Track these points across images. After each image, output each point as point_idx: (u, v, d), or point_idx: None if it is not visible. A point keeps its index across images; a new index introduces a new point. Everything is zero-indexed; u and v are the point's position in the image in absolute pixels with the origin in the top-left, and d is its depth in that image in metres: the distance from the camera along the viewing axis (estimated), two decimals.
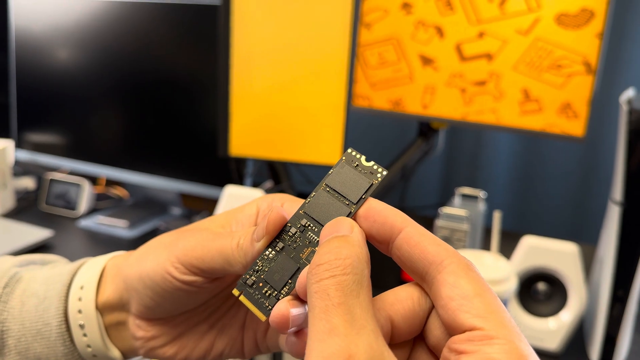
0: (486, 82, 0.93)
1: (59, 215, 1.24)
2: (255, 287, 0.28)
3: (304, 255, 0.28)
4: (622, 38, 1.13)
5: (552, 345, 0.77)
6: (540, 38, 0.88)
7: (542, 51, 0.88)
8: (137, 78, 1.20)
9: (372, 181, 0.30)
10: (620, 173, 0.71)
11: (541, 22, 0.88)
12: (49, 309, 0.37)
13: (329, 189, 0.30)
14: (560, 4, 0.87)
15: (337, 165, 0.30)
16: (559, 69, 0.88)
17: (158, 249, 0.34)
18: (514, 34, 0.90)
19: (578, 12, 0.85)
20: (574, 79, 0.88)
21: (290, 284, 0.28)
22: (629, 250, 0.72)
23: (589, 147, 1.21)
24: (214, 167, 1.14)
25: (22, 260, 0.41)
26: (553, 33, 0.88)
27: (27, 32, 1.29)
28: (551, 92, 0.90)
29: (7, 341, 0.37)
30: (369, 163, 0.30)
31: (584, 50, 0.86)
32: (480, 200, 0.95)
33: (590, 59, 0.86)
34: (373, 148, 1.38)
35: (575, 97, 0.89)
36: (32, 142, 1.34)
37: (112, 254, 0.39)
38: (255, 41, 1.00)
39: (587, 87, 0.87)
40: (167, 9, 1.14)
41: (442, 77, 0.96)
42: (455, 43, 0.94)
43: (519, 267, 0.77)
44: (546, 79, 0.89)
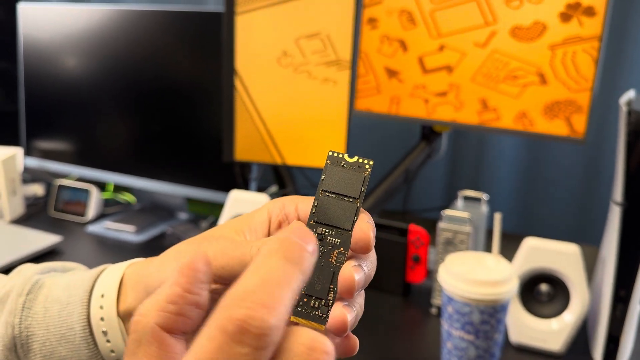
0: (447, 93, 0.97)
1: (68, 221, 1.26)
2: (301, 304, 0.29)
3: (333, 259, 0.30)
4: (624, 40, 1.14)
5: (555, 346, 0.77)
6: (497, 50, 0.92)
7: (498, 63, 0.92)
8: (143, 85, 1.22)
9: (364, 174, 0.31)
10: (620, 174, 0.72)
11: (497, 35, 0.92)
12: (72, 314, 0.38)
13: (328, 194, 0.31)
14: (515, 17, 0.91)
15: (326, 169, 0.31)
16: (515, 80, 0.92)
17: (177, 258, 0.35)
18: (472, 47, 0.94)
19: (531, 25, 0.89)
20: (528, 89, 0.92)
21: (332, 289, 0.29)
22: (630, 250, 0.73)
23: (592, 149, 1.21)
24: (219, 172, 1.16)
25: (44, 268, 0.43)
26: (508, 45, 0.92)
27: (35, 41, 1.31)
28: (508, 101, 0.94)
29: (32, 345, 0.38)
30: (353, 159, 0.31)
31: (537, 61, 0.90)
32: (483, 202, 0.95)
33: (544, 70, 0.89)
34: (376, 151, 1.39)
35: (530, 106, 0.92)
36: (41, 149, 1.36)
37: (130, 261, 0.40)
38: (259, 47, 1.02)
39: (541, 97, 0.91)
40: (172, 17, 1.15)
41: (406, 89, 1.00)
42: (418, 56, 0.98)
43: (521, 268, 0.78)
44: (503, 89, 0.93)
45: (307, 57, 1.00)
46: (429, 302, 0.92)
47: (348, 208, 0.30)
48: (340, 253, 0.30)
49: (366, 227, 0.29)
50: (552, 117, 0.91)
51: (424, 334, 0.85)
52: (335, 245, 0.30)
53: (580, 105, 0.89)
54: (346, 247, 0.30)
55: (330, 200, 0.31)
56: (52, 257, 1.06)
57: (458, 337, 0.67)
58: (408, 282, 0.94)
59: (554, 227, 1.28)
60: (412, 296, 0.95)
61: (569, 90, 0.89)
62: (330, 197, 0.31)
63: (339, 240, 0.30)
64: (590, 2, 0.86)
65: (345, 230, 0.30)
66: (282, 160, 1.05)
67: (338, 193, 0.31)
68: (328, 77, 1.00)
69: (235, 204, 0.94)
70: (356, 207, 0.30)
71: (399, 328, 0.86)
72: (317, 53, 1.00)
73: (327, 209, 0.31)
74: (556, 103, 0.90)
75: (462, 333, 0.66)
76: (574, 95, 0.89)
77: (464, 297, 0.64)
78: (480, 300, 0.64)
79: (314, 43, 0.99)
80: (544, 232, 1.27)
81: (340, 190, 0.31)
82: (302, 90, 1.02)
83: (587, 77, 0.88)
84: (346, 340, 0.30)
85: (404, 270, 0.93)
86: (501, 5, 0.91)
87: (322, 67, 1.00)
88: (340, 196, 0.31)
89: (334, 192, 0.31)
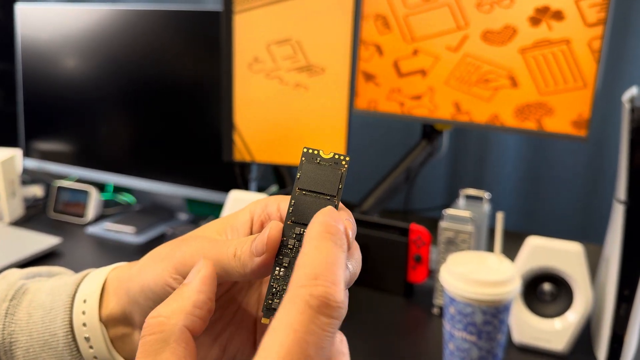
0: (422, 96, 0.99)
1: (68, 222, 1.25)
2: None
3: None
4: (627, 36, 1.13)
5: (558, 346, 0.77)
6: (469, 54, 0.94)
7: (470, 66, 0.94)
8: (142, 85, 1.21)
9: (341, 170, 0.30)
10: (623, 172, 0.71)
11: (469, 39, 0.94)
12: (55, 319, 0.37)
13: (304, 192, 0.30)
14: (486, 21, 0.92)
15: (301, 166, 0.30)
16: (487, 83, 0.93)
17: (156, 260, 0.34)
18: (445, 51, 0.96)
19: (501, 29, 0.90)
20: (500, 92, 0.93)
21: None
22: (634, 248, 0.72)
23: (595, 147, 1.21)
24: (219, 172, 1.15)
25: (29, 273, 0.42)
26: (480, 49, 0.93)
27: (33, 42, 1.30)
28: (480, 104, 0.95)
29: (16, 352, 0.38)
30: (329, 155, 0.31)
31: (508, 64, 0.92)
32: (485, 201, 0.94)
33: (515, 73, 0.91)
34: (377, 150, 1.38)
35: (502, 109, 0.94)
36: (40, 150, 1.36)
37: (113, 265, 0.39)
38: (258, 46, 1.01)
39: (512, 100, 0.93)
40: (171, 16, 1.15)
41: (383, 92, 1.02)
42: (393, 60, 1.00)
43: (523, 267, 0.77)
44: (475, 93, 0.95)
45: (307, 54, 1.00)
46: (430, 302, 0.91)
47: (326, 206, 0.29)
48: None
49: (345, 226, 0.29)
50: (523, 119, 0.92)
51: (425, 334, 0.84)
52: None
53: (550, 107, 0.90)
54: None
55: (307, 199, 0.30)
56: (51, 259, 1.06)
57: (460, 338, 0.66)
58: (410, 282, 0.93)
59: (557, 226, 1.27)
60: (414, 296, 0.94)
61: (539, 93, 0.91)
62: (307, 195, 0.30)
63: None
64: (559, 7, 0.87)
65: None
66: (282, 160, 1.04)
67: (315, 191, 0.30)
68: (328, 75, 0.99)
69: (235, 204, 0.93)
70: (334, 205, 0.30)
71: (401, 328, 0.85)
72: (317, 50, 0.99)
73: (305, 208, 0.30)
74: (527, 106, 0.92)
75: (465, 334, 0.65)
76: (544, 98, 0.91)
77: (466, 297, 0.64)
78: (482, 300, 0.63)
79: (313, 40, 0.99)
80: (547, 231, 1.26)
81: (317, 188, 0.30)
82: (301, 88, 1.01)
83: (557, 80, 0.89)
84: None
85: (405, 270, 0.92)
86: (472, 10, 0.93)
87: (322, 65, 0.99)
88: (317, 194, 0.30)
89: (310, 190, 0.30)
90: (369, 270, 0.95)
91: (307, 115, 1.02)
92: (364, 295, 0.94)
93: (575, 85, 0.88)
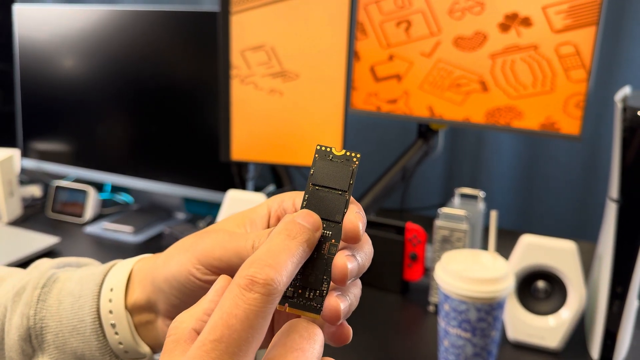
0: (397, 100, 1.02)
1: (66, 222, 1.26)
2: (296, 295, 0.30)
3: (325, 250, 0.30)
4: (621, 37, 1.14)
5: (552, 343, 0.78)
6: (441, 59, 0.97)
7: (443, 71, 0.97)
8: (139, 85, 1.22)
9: (352, 166, 0.32)
10: (615, 170, 0.72)
11: (441, 45, 0.96)
12: (83, 307, 0.40)
13: (317, 187, 0.31)
14: (458, 28, 0.95)
15: (315, 163, 0.32)
16: (458, 88, 0.96)
17: (181, 251, 0.36)
18: (419, 56, 0.98)
19: (472, 35, 0.93)
20: (471, 96, 0.96)
21: (326, 279, 0.30)
22: (626, 246, 0.73)
23: (590, 146, 1.21)
24: (216, 172, 1.16)
25: (59, 263, 0.45)
26: (452, 55, 0.96)
27: (31, 42, 1.31)
28: (452, 108, 0.98)
29: (46, 337, 0.40)
30: (340, 152, 0.32)
31: (479, 69, 0.94)
32: (479, 200, 0.95)
33: (485, 78, 0.94)
34: (374, 150, 1.39)
35: (473, 112, 0.97)
36: (38, 150, 1.36)
37: (139, 256, 0.42)
38: (254, 47, 1.02)
39: (483, 103, 0.96)
40: (169, 17, 1.15)
41: (360, 96, 1.04)
42: (370, 65, 1.02)
43: (518, 265, 0.78)
44: (448, 97, 0.97)
45: (303, 54, 1.00)
46: (426, 300, 0.92)
47: (338, 200, 0.31)
48: (332, 245, 0.30)
49: (355, 218, 0.30)
50: (493, 122, 0.95)
51: (421, 331, 0.85)
52: (326, 237, 0.31)
53: (519, 111, 0.93)
54: (337, 238, 0.31)
55: (320, 194, 0.31)
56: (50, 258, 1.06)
57: (455, 335, 0.67)
58: (406, 280, 0.94)
59: (552, 224, 1.28)
60: (410, 294, 0.95)
61: (508, 97, 0.93)
62: (320, 190, 0.31)
63: (330, 232, 0.31)
64: (527, 13, 0.89)
65: (335, 222, 0.31)
66: (278, 159, 1.05)
67: (327, 186, 0.31)
68: (324, 75, 1.00)
69: (233, 204, 0.94)
70: (345, 200, 0.31)
71: (397, 326, 0.86)
72: (313, 50, 1.00)
73: (318, 202, 0.31)
74: (497, 109, 0.95)
75: (459, 331, 0.66)
76: (514, 102, 0.93)
77: (461, 295, 0.65)
78: (476, 297, 0.64)
79: (310, 40, 0.99)
80: (542, 229, 1.27)
81: (329, 183, 0.31)
82: (298, 88, 1.02)
83: (526, 85, 0.92)
84: (340, 329, 0.32)
85: (401, 269, 0.93)
86: (444, 17, 0.95)
87: (319, 65, 1.00)
88: (330, 189, 0.31)
89: (323, 185, 0.31)
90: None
91: (304, 115, 1.03)
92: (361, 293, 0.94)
93: (543, 89, 0.91)
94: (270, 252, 0.26)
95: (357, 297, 0.32)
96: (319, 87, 1.01)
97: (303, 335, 0.27)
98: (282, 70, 1.02)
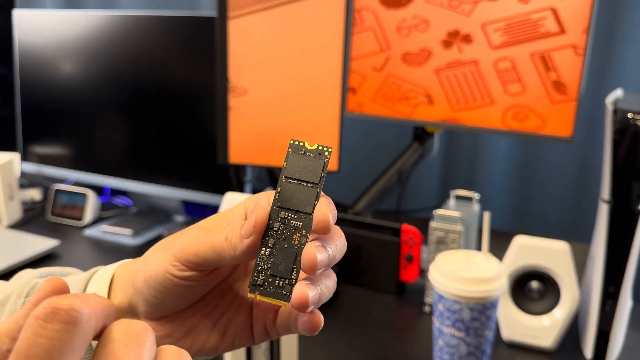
0: (353, 112, 1.10)
1: (65, 225, 1.27)
2: (266, 284, 0.31)
3: (296, 241, 0.32)
4: (614, 40, 1.15)
5: (546, 343, 0.79)
6: (391, 74, 1.04)
7: (393, 85, 1.04)
8: (138, 89, 1.23)
9: (324, 160, 0.33)
10: (607, 172, 0.73)
11: (391, 60, 1.03)
12: None
13: (290, 180, 0.33)
14: (406, 44, 1.02)
15: (288, 157, 0.33)
16: (407, 100, 1.03)
17: (158, 251, 0.37)
18: (371, 71, 1.05)
19: (418, 51, 1.00)
20: (418, 108, 1.03)
21: (295, 268, 0.31)
22: (618, 247, 0.74)
23: (584, 148, 1.23)
24: (214, 174, 1.17)
25: (43, 272, 0.45)
26: (401, 70, 1.03)
27: (31, 47, 1.32)
28: (402, 120, 1.06)
29: None
30: (313, 146, 0.33)
31: (425, 83, 1.01)
32: (474, 201, 0.96)
33: (431, 92, 1.01)
34: (370, 152, 1.40)
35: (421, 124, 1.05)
36: (38, 154, 1.37)
37: (119, 262, 0.42)
38: (251, 51, 1.03)
39: (429, 115, 1.03)
40: (167, 22, 1.16)
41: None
42: None
43: (511, 266, 0.79)
44: (397, 109, 1.05)
45: (300, 59, 1.01)
46: (422, 300, 0.93)
47: (309, 193, 0.32)
48: (302, 235, 0.32)
49: (325, 210, 0.31)
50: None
51: (417, 332, 0.86)
52: (297, 228, 0.32)
53: (462, 122, 1.00)
54: (307, 229, 0.32)
55: (292, 186, 0.32)
56: (49, 261, 1.07)
57: (449, 335, 0.68)
58: (402, 281, 0.95)
59: (547, 225, 1.30)
60: (406, 295, 0.96)
61: (452, 110, 1.00)
62: (292, 183, 0.32)
63: (300, 223, 0.32)
64: (468, 31, 0.96)
65: (306, 213, 0.32)
66: (275, 162, 1.06)
67: (299, 179, 0.32)
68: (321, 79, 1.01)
69: (230, 206, 0.95)
70: (316, 192, 0.32)
71: (393, 327, 0.87)
72: (310, 55, 1.01)
73: (290, 195, 0.32)
74: (442, 121, 1.02)
75: (453, 330, 0.67)
76: (457, 114, 1.00)
77: (454, 294, 0.66)
78: (469, 297, 0.65)
79: (306, 44, 1.01)
80: (537, 230, 1.28)
81: (301, 176, 0.32)
82: (294, 92, 1.03)
83: (467, 98, 0.98)
84: (311, 317, 0.33)
85: (397, 270, 0.94)
86: (393, 34, 1.02)
87: (315, 69, 1.01)
88: (302, 182, 0.32)
89: (295, 178, 0.33)
90: (362, 270, 0.97)
91: (301, 118, 1.04)
92: (357, 294, 0.95)
93: (483, 102, 0.97)
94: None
95: (329, 287, 0.33)
96: (315, 91, 1.02)
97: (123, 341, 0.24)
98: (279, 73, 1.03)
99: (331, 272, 0.34)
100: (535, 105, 0.94)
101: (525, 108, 0.94)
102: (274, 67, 1.02)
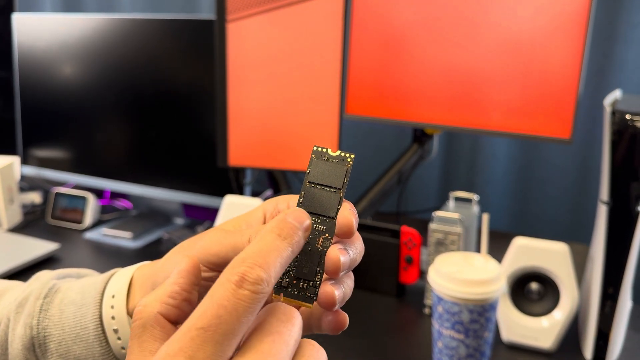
0: (353, 114, 1.10)
1: (65, 228, 1.27)
2: (291, 285, 0.32)
3: (319, 244, 0.32)
4: (614, 41, 1.15)
5: (546, 344, 0.79)
6: (391, 75, 1.05)
7: (392, 87, 1.05)
8: (138, 92, 1.23)
9: (346, 166, 0.34)
10: (605, 173, 0.73)
11: (390, 61, 1.03)
12: (86, 314, 0.41)
13: (313, 185, 0.33)
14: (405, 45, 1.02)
15: (311, 163, 0.34)
16: (407, 102, 1.04)
17: (179, 253, 0.38)
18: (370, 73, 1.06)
19: (418, 52, 1.00)
20: (418, 110, 1.03)
21: (319, 271, 0.32)
22: (617, 248, 0.74)
23: (583, 149, 1.23)
24: (214, 177, 1.17)
25: (60, 274, 0.46)
26: (400, 71, 1.04)
27: (31, 50, 1.32)
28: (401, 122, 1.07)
29: (49, 345, 0.41)
30: (336, 153, 0.34)
31: (425, 85, 1.02)
32: (474, 203, 0.96)
33: (431, 93, 1.02)
34: (370, 154, 1.40)
35: None
36: (38, 157, 1.37)
37: (139, 264, 0.43)
38: (251, 53, 1.03)
39: (429, 117, 1.03)
40: (166, 25, 1.17)
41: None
42: None
43: (511, 267, 0.79)
44: (397, 111, 1.06)
45: (299, 62, 1.01)
46: (422, 302, 0.93)
47: (332, 197, 0.33)
48: (325, 239, 0.32)
49: (348, 214, 0.32)
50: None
51: (417, 333, 0.86)
52: (321, 231, 0.32)
53: (462, 124, 1.00)
54: (331, 233, 0.32)
55: (315, 191, 0.33)
56: (50, 264, 1.07)
57: (448, 336, 0.68)
58: (401, 283, 0.95)
59: (547, 226, 1.29)
60: (406, 297, 0.96)
61: (451, 111, 1.00)
62: (316, 188, 0.33)
63: (324, 227, 0.32)
64: (468, 31, 0.96)
65: (330, 217, 0.33)
66: (275, 164, 1.06)
67: (323, 184, 0.33)
68: (320, 82, 1.01)
69: (230, 209, 0.95)
70: (339, 197, 0.33)
71: (393, 328, 0.87)
72: (309, 58, 1.01)
73: (313, 199, 0.33)
74: (441, 122, 1.02)
75: (452, 332, 0.67)
76: (456, 116, 1.00)
77: (453, 296, 0.66)
78: (468, 299, 0.65)
79: (305, 48, 1.01)
80: (537, 232, 1.28)
81: (324, 181, 0.33)
82: (294, 95, 1.03)
83: (467, 99, 0.99)
84: (336, 316, 0.34)
85: (397, 272, 0.94)
86: (393, 34, 1.02)
87: (314, 72, 1.01)
88: (325, 187, 0.33)
89: (319, 183, 0.33)
90: (361, 272, 0.97)
91: (300, 121, 1.04)
92: (357, 296, 0.95)
93: (482, 103, 0.97)
94: (261, 252, 0.27)
95: (350, 288, 0.34)
96: (315, 93, 1.02)
97: (281, 318, 0.27)
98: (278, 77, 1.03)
99: (350, 273, 0.35)
100: (534, 106, 0.94)
101: (524, 109, 0.94)
102: (273, 70, 1.03)
